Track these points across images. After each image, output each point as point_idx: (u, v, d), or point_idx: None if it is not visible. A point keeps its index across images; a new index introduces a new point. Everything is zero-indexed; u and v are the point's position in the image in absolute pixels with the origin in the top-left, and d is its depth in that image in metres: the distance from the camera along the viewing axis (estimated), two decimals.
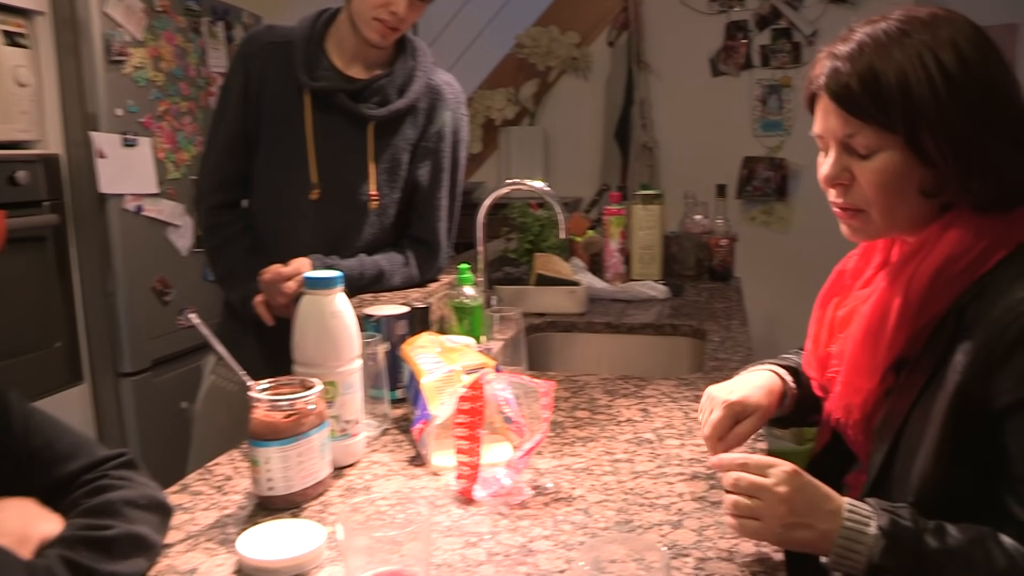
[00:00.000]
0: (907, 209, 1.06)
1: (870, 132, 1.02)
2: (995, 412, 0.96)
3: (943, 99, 0.98)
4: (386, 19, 1.72)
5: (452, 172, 1.93)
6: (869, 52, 1.02)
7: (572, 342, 2.22)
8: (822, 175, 1.10)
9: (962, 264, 1.02)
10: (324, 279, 1.24)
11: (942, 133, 0.99)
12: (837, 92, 1.04)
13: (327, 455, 1.19)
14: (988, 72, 1.01)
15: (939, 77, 0.99)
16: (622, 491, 1.14)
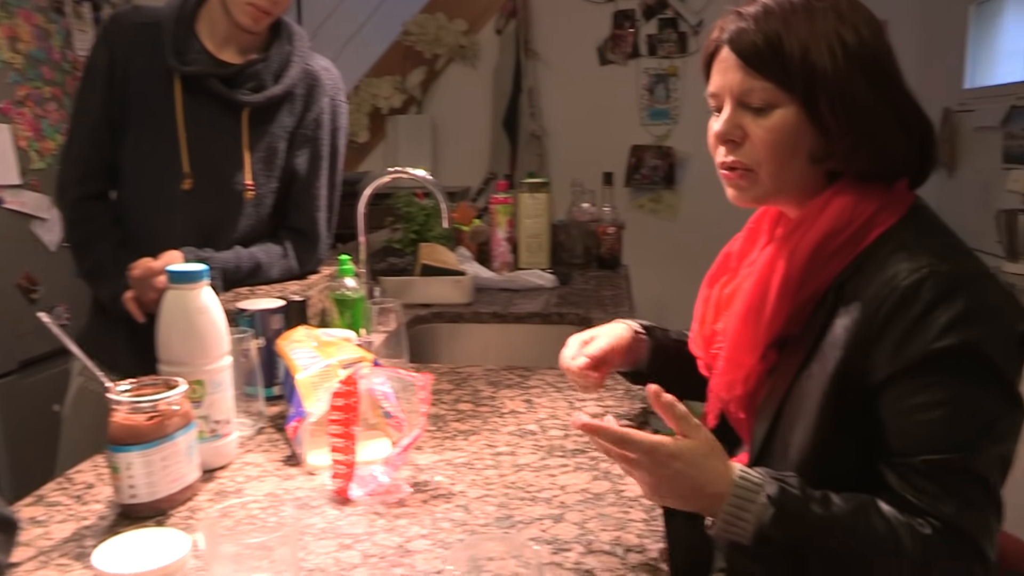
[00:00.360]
0: (795, 172, 1.07)
1: (769, 88, 1.04)
2: (872, 386, 0.98)
3: (841, 66, 1.01)
4: (259, 3, 1.65)
5: (331, 160, 1.87)
6: (776, 17, 1.04)
7: (459, 333, 2.19)
8: (714, 132, 1.11)
9: (841, 239, 1.04)
10: (188, 273, 1.18)
11: (837, 98, 1.02)
12: (741, 46, 1.05)
13: (195, 458, 1.13)
14: (881, 51, 1.05)
15: (839, 47, 1.02)
16: (503, 485, 1.11)
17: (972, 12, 3.89)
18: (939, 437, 0.94)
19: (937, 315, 0.94)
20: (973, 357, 0.94)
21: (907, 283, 0.96)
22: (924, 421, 0.95)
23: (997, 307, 0.97)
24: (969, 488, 0.93)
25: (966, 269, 0.98)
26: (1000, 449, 0.95)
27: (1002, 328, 0.97)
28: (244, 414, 1.36)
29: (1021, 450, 0.98)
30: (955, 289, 0.95)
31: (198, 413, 1.18)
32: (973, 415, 0.94)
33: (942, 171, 4.07)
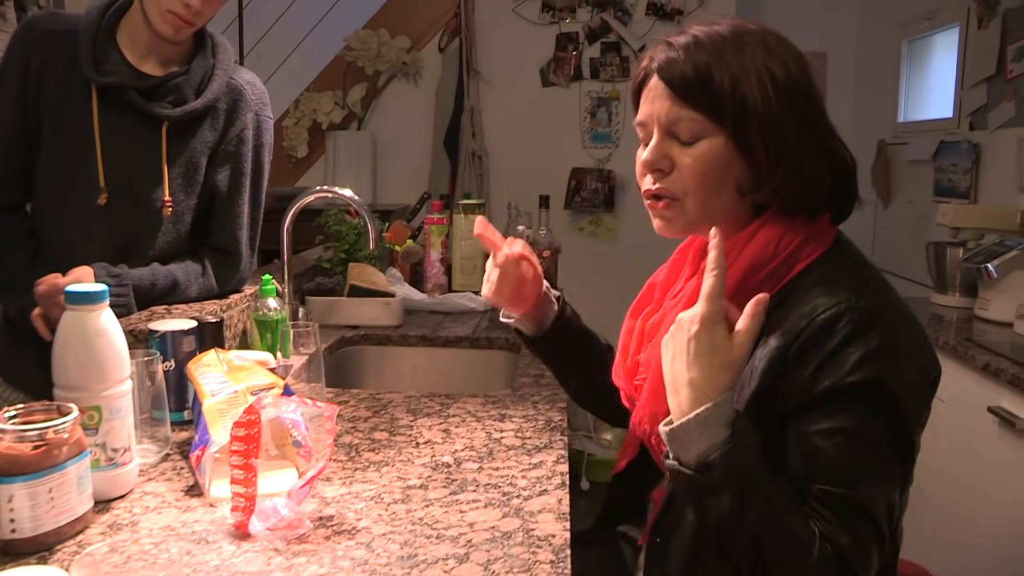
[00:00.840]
0: (722, 203, 1.07)
1: (697, 118, 1.04)
2: (783, 413, 0.99)
3: (771, 99, 1.02)
4: (180, 12, 1.61)
5: (254, 177, 1.82)
6: (706, 48, 1.05)
7: (387, 356, 2.15)
8: (642, 160, 1.10)
9: (765, 272, 1.05)
10: (86, 293, 1.13)
11: (766, 131, 1.03)
12: (670, 76, 1.06)
13: (87, 488, 1.07)
14: (808, 86, 1.06)
15: (768, 81, 1.03)
16: (410, 521, 1.08)
17: (905, 47, 3.98)
18: (837, 466, 0.95)
19: (851, 350, 0.95)
20: (880, 393, 0.95)
21: (824, 317, 0.97)
22: (824, 448, 0.95)
23: (910, 348, 0.99)
24: (861, 525, 0.94)
25: (883, 306, 0.99)
26: (891, 495, 0.96)
27: (912, 369, 0.98)
28: (150, 440, 1.31)
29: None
30: (871, 325, 0.96)
31: (94, 441, 1.12)
32: (872, 451, 0.95)
33: (878, 202, 4.14)
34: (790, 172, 1.04)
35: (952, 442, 2.31)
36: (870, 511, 0.94)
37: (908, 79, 4.01)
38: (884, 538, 0.96)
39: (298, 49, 4.11)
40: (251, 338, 1.84)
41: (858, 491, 0.94)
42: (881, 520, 0.95)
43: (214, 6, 1.66)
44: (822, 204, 1.08)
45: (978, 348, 2.19)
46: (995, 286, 2.52)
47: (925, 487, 2.44)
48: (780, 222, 1.06)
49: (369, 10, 4.02)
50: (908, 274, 3.75)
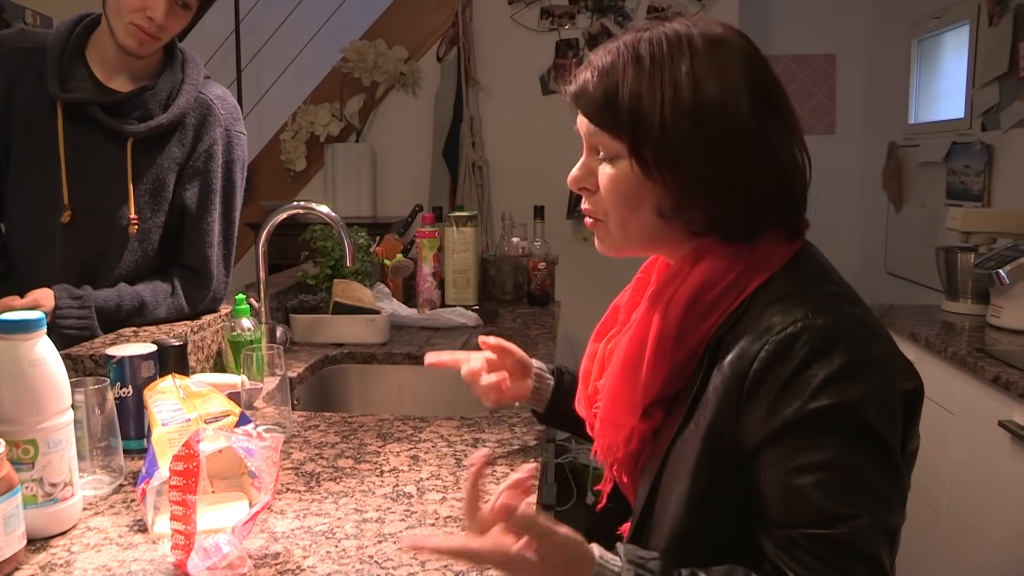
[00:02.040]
0: (641, 226, 1.00)
1: (609, 141, 0.98)
2: (746, 450, 0.90)
3: (673, 119, 0.93)
4: (143, 25, 1.56)
5: (226, 194, 1.76)
6: (618, 67, 0.97)
7: (372, 374, 2.08)
8: (570, 177, 1.04)
9: (718, 290, 0.96)
10: (19, 322, 1.06)
11: (664, 153, 0.94)
12: (584, 103, 1.00)
13: (17, 528, 1.01)
14: (732, 107, 0.95)
15: (671, 100, 0.94)
16: (360, 559, 1.01)
17: (915, 47, 3.88)
18: (819, 506, 0.85)
19: (812, 372, 0.86)
20: (852, 418, 0.86)
21: (779, 339, 0.88)
22: (801, 487, 0.86)
23: (878, 363, 0.89)
24: (852, 565, 0.85)
25: (845, 321, 0.90)
26: (885, 521, 0.87)
27: (883, 387, 0.88)
28: (103, 470, 1.25)
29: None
30: (832, 344, 0.87)
31: (29, 476, 1.06)
32: (854, 482, 0.86)
33: (889, 206, 4.04)
34: (694, 196, 0.96)
35: (962, 456, 2.22)
36: (862, 548, 0.85)
37: (919, 79, 3.91)
38: (886, 571, 0.87)
39: (295, 62, 4.08)
40: (226, 359, 1.78)
41: (845, 528, 0.85)
42: (880, 555, 0.86)
43: (179, 20, 1.61)
44: (760, 226, 0.98)
45: (988, 359, 2.10)
46: (1007, 293, 2.43)
47: (934, 502, 2.35)
48: (717, 251, 0.97)
49: (366, 21, 3.98)
50: (921, 280, 3.65)
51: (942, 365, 2.32)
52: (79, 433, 1.18)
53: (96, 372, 1.46)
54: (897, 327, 2.63)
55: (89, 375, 1.46)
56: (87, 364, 1.48)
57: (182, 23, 1.62)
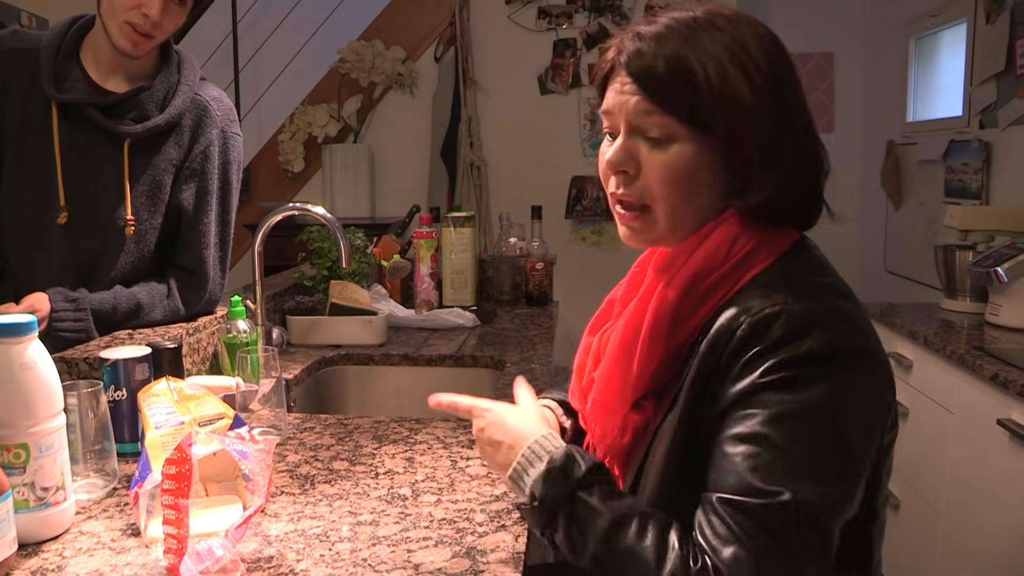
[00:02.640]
0: (694, 211, 0.98)
1: (669, 120, 0.94)
2: (712, 421, 0.91)
3: (762, 94, 0.93)
4: (138, 22, 1.55)
5: (222, 196, 1.76)
6: (677, 37, 0.94)
7: (369, 375, 2.08)
8: (606, 160, 1.00)
9: (713, 278, 0.96)
10: (11, 325, 1.06)
11: (753, 131, 0.93)
12: (639, 72, 0.95)
13: (8, 532, 1.00)
14: (791, 76, 0.98)
15: (754, 70, 0.93)
16: (353, 562, 1.00)
17: (912, 45, 3.88)
18: (741, 476, 0.85)
19: (779, 351, 0.86)
20: (802, 399, 0.86)
21: (756, 319, 0.88)
22: (732, 455, 0.87)
23: (850, 356, 0.88)
24: (758, 540, 0.83)
25: (826, 310, 0.89)
26: (811, 507, 0.84)
27: (850, 379, 0.88)
28: (97, 473, 1.25)
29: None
30: (806, 329, 0.87)
31: (21, 480, 1.06)
32: (784, 460, 0.85)
33: (888, 204, 4.04)
34: (772, 171, 0.94)
35: (961, 454, 2.21)
36: (774, 526, 0.83)
37: (916, 78, 3.91)
38: (796, 556, 0.84)
39: (293, 63, 4.08)
40: (222, 362, 1.78)
41: (760, 501, 0.84)
42: (793, 538, 0.84)
43: (174, 18, 1.60)
44: (790, 212, 0.99)
45: (987, 358, 2.10)
46: (1006, 291, 2.42)
47: (934, 500, 2.34)
48: (736, 225, 0.97)
49: (363, 21, 3.98)
50: (920, 278, 3.65)
51: (941, 363, 2.31)
52: (72, 436, 1.18)
53: (90, 375, 1.46)
54: (896, 325, 2.62)
55: (83, 378, 1.45)
56: (81, 367, 1.47)
57: (177, 21, 1.61)
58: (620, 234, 1.06)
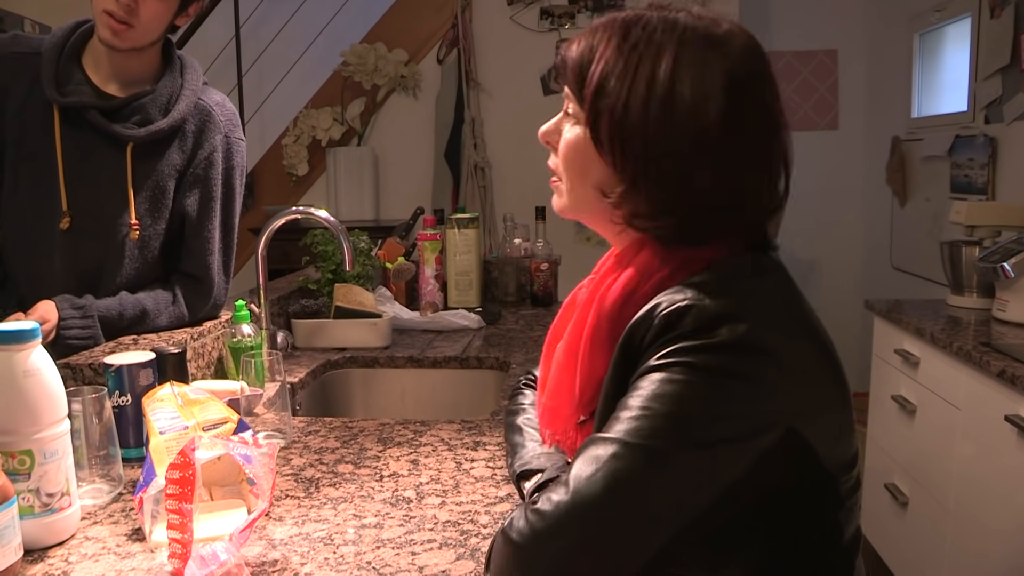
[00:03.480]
0: (586, 196, 0.99)
1: (574, 103, 0.98)
2: None
3: (629, 104, 0.91)
4: (113, 10, 1.53)
5: (225, 201, 1.76)
6: (602, 35, 0.96)
7: (374, 378, 2.08)
8: (540, 129, 1.05)
9: (649, 286, 0.93)
10: (14, 332, 1.06)
11: (615, 132, 0.92)
12: (562, 59, 1.01)
13: (13, 539, 1.01)
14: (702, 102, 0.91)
15: (644, 82, 0.91)
16: (357, 565, 1.00)
17: (916, 41, 3.87)
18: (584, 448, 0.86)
19: (685, 343, 0.83)
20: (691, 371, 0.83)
21: (667, 312, 0.85)
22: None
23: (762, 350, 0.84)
24: (556, 493, 0.84)
25: (740, 306, 0.85)
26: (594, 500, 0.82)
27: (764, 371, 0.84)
28: (103, 479, 1.25)
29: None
30: (716, 324, 0.83)
31: (26, 486, 1.06)
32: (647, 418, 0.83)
33: (894, 201, 4.03)
34: (646, 189, 0.92)
35: (969, 450, 2.20)
36: (571, 485, 0.83)
37: (921, 73, 3.90)
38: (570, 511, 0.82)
39: (296, 66, 4.09)
40: (227, 366, 1.78)
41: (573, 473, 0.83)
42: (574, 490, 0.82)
43: (152, 9, 1.55)
44: (701, 236, 0.94)
45: (994, 354, 2.09)
46: (1013, 286, 2.41)
47: (942, 497, 2.34)
48: (652, 254, 0.94)
49: (365, 24, 3.99)
50: (927, 274, 3.64)
51: (948, 360, 2.31)
52: (77, 442, 1.18)
53: (95, 380, 1.46)
54: (903, 322, 2.62)
55: (88, 383, 1.46)
56: (86, 373, 1.48)
57: (158, 12, 1.56)
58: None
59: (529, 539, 0.83)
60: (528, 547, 0.83)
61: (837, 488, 0.90)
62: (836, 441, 0.89)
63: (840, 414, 0.90)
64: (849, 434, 0.91)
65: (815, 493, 0.89)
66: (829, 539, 0.91)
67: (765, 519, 0.87)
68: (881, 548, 2.83)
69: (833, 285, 4.45)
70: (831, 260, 4.46)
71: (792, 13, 4.43)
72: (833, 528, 0.91)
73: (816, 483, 0.88)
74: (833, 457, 0.88)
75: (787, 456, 0.84)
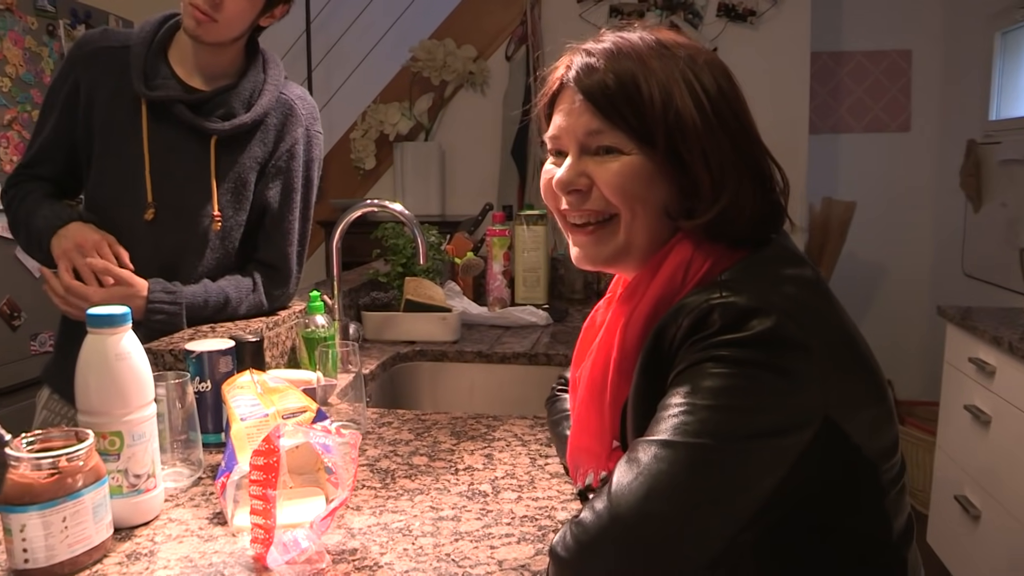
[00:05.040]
0: (649, 221, 0.97)
1: (619, 136, 0.94)
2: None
3: (707, 115, 0.92)
4: (198, 3, 1.55)
5: (304, 193, 1.79)
6: (627, 56, 0.94)
7: (442, 372, 2.09)
8: (557, 179, 1.00)
9: (672, 302, 0.93)
10: (108, 316, 1.09)
11: (706, 150, 0.92)
12: (590, 87, 0.95)
13: (105, 516, 1.03)
14: (740, 102, 0.97)
15: (702, 94, 0.93)
16: (437, 557, 1.01)
17: (998, 41, 3.76)
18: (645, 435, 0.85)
19: (716, 339, 0.83)
20: (728, 367, 0.83)
21: (693, 312, 0.86)
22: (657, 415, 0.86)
23: (792, 343, 0.83)
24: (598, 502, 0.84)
25: (766, 301, 0.84)
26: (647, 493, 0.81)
27: (786, 365, 0.83)
28: (183, 463, 1.27)
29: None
30: (744, 319, 0.83)
31: (115, 467, 1.09)
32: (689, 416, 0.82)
33: (967, 205, 3.93)
34: (723, 190, 0.93)
35: None
36: (611, 493, 0.82)
37: (1001, 74, 3.79)
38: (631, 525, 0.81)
39: (365, 61, 4.11)
40: (300, 356, 1.80)
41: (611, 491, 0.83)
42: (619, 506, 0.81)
43: (237, 4, 1.59)
44: (744, 230, 0.95)
45: None
46: None
47: (1018, 511, 2.27)
48: (689, 248, 0.95)
49: (435, 20, 4.00)
50: (1001, 282, 3.54)
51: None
52: (160, 426, 1.20)
53: (175, 366, 1.49)
54: (978, 331, 2.55)
55: (168, 369, 1.48)
56: (166, 359, 1.51)
57: (239, 8, 1.58)
58: (572, 257, 1.06)
59: (574, 554, 0.83)
60: (575, 562, 0.83)
61: (879, 477, 0.88)
62: (874, 430, 0.88)
63: (876, 404, 0.89)
64: (887, 422, 0.90)
65: (858, 484, 0.88)
66: (878, 531, 0.89)
67: (812, 516, 0.86)
68: (949, 561, 2.77)
69: (901, 290, 4.36)
70: (899, 265, 4.37)
71: (864, 13, 4.34)
72: (881, 519, 0.89)
73: (858, 474, 0.87)
74: (872, 446, 0.87)
75: (827, 449, 0.83)
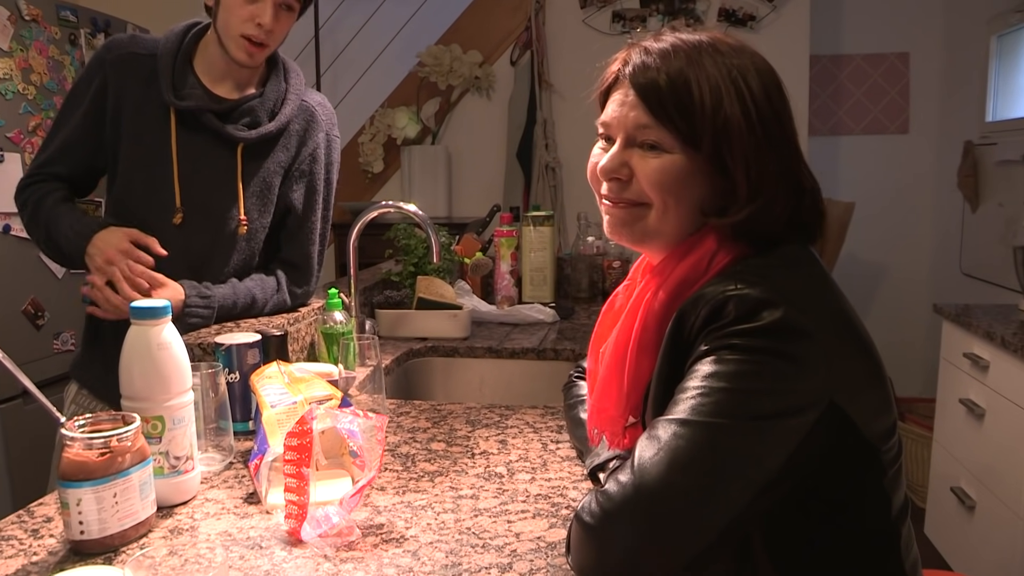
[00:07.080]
0: (679, 217, 1.03)
1: (664, 134, 1.00)
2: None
3: (754, 124, 0.98)
4: (253, 34, 1.64)
5: (325, 195, 1.87)
6: (682, 56, 1.00)
7: (454, 367, 2.17)
8: (601, 167, 1.07)
9: (697, 287, 0.99)
10: (151, 308, 1.17)
11: (743, 156, 0.98)
12: (643, 85, 1.01)
13: (150, 494, 1.12)
14: (786, 114, 1.02)
15: (751, 103, 0.98)
16: (458, 530, 1.09)
17: (994, 43, 3.84)
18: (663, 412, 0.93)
19: (732, 328, 0.90)
20: (745, 355, 0.89)
21: (711, 302, 0.93)
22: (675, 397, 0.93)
23: (801, 332, 0.90)
24: (624, 475, 0.90)
25: (778, 293, 0.91)
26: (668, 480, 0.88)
27: (795, 352, 0.89)
28: (215, 448, 1.35)
29: None
30: (757, 309, 0.90)
31: (157, 449, 1.17)
32: (706, 401, 0.89)
33: (964, 206, 4.00)
34: (759, 194, 0.98)
35: None
36: (641, 467, 0.88)
37: (997, 76, 3.87)
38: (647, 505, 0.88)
39: (372, 66, 4.20)
40: (319, 350, 1.88)
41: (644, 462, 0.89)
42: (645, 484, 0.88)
43: (284, 24, 1.69)
44: (770, 233, 1.01)
45: None
46: None
47: (1014, 503, 2.35)
48: (715, 241, 1.01)
49: (441, 26, 4.08)
50: (998, 280, 3.61)
51: (1019, 364, 2.32)
52: (195, 413, 1.28)
53: (203, 359, 1.57)
54: (972, 326, 2.63)
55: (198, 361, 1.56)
56: (195, 352, 1.58)
57: (287, 27, 1.70)
58: (605, 227, 1.12)
59: (601, 520, 0.90)
60: (600, 528, 0.90)
61: (879, 457, 0.96)
62: (875, 413, 0.95)
63: (877, 388, 0.96)
64: (887, 406, 0.97)
65: (859, 464, 0.95)
66: (878, 507, 0.97)
67: (816, 493, 0.94)
68: (946, 551, 2.84)
69: (900, 289, 4.44)
70: (898, 264, 4.45)
71: (863, 16, 4.42)
72: (882, 497, 0.97)
73: (860, 454, 0.94)
74: (873, 428, 0.94)
75: (831, 430, 0.90)
